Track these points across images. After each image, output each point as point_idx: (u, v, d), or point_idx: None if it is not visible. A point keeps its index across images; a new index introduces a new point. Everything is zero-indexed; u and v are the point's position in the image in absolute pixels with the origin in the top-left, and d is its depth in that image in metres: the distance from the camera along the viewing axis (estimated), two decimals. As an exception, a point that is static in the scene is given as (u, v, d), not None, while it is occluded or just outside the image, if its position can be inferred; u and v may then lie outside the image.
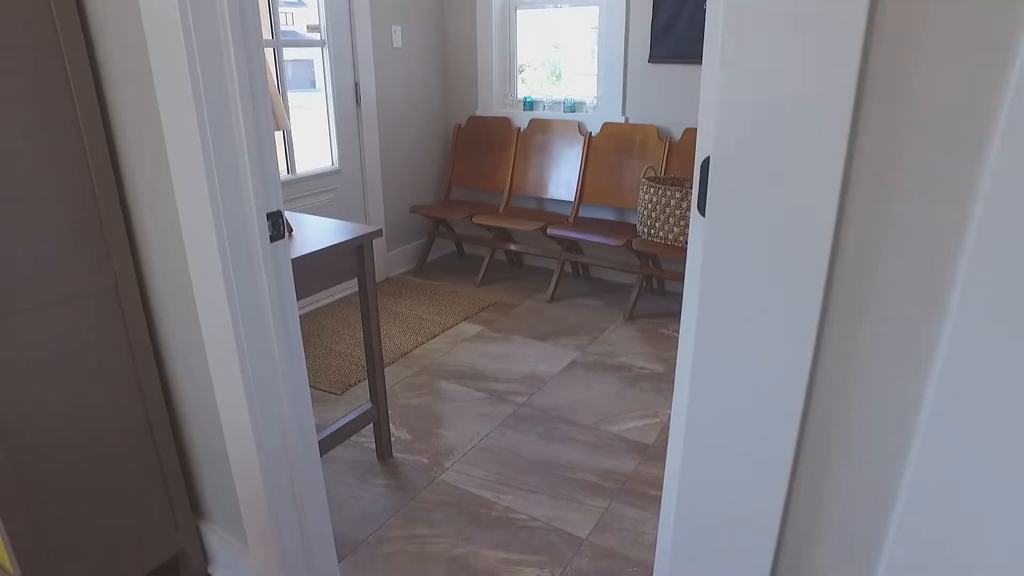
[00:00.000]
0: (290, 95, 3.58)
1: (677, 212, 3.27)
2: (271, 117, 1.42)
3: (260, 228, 1.35)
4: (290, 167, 3.61)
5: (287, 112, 3.53)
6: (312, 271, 1.90)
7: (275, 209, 1.37)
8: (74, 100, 1.37)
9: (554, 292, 3.83)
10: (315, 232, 2.04)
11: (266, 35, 3.42)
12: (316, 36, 3.67)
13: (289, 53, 3.57)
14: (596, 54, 4.00)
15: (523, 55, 4.28)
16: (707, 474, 0.98)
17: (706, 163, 0.85)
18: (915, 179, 0.69)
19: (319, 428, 2.50)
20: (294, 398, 1.58)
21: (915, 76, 0.67)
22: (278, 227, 1.38)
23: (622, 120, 3.86)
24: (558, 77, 4.26)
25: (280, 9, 3.46)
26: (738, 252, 0.78)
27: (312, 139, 3.83)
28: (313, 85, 4.02)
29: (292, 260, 1.81)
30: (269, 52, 3.43)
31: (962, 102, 0.65)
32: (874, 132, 0.69)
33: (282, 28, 3.48)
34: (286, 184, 3.49)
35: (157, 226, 1.46)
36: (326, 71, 3.67)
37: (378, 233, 2.03)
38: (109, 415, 1.57)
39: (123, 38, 1.34)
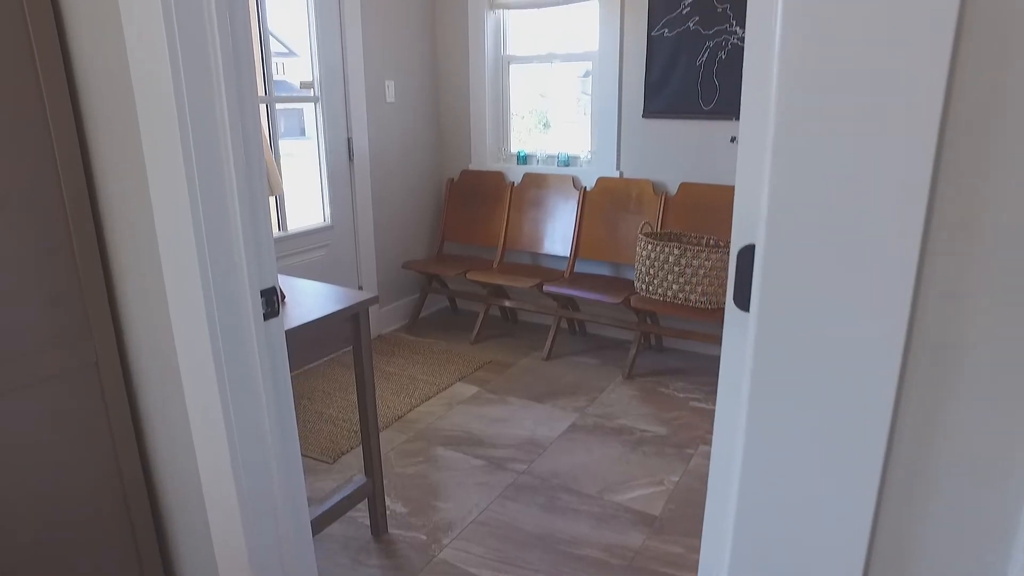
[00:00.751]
0: (280, 143, 3.53)
1: (676, 269, 3.22)
2: (266, 185, 1.35)
3: (253, 306, 1.26)
4: (281, 224, 3.54)
5: (278, 164, 3.49)
6: (306, 342, 1.82)
7: (270, 285, 1.29)
8: (57, 165, 1.30)
9: (550, 350, 3.74)
10: (308, 299, 1.96)
11: (258, 91, 3.38)
12: (309, 92, 3.64)
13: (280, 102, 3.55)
14: (590, 109, 4.01)
15: (511, 105, 4.28)
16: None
17: (746, 252, 0.78)
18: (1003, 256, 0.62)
19: (310, 501, 2.37)
20: (286, 480, 1.48)
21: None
22: (272, 304, 1.30)
23: (617, 175, 3.84)
24: (546, 125, 4.26)
25: (272, 59, 3.43)
26: (795, 354, 0.71)
27: (302, 190, 3.77)
28: (303, 133, 3.98)
29: (285, 332, 1.72)
30: (261, 108, 3.40)
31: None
32: (947, 252, 0.63)
33: (274, 79, 3.44)
34: (277, 242, 3.42)
35: (142, 302, 1.38)
36: (319, 127, 3.64)
37: (374, 300, 1.95)
38: (83, 497, 1.46)
39: (111, 99, 1.27)
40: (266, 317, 1.29)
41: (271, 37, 3.42)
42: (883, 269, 0.65)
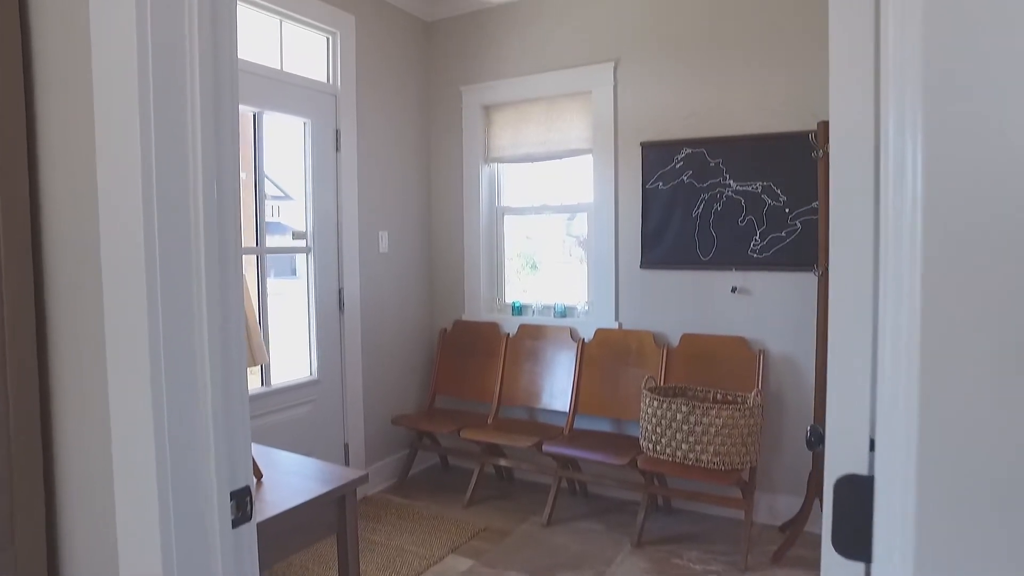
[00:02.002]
0: (270, 283, 3.40)
1: (684, 427, 3.02)
2: (245, 364, 1.19)
3: (220, 512, 1.06)
4: (264, 379, 3.34)
5: (265, 306, 3.34)
6: (283, 531, 1.58)
7: (242, 485, 1.09)
8: (3, 322, 1.14)
9: (551, 515, 3.45)
10: (288, 477, 1.74)
11: (250, 242, 3.31)
12: (302, 243, 3.58)
13: (271, 240, 3.47)
14: (576, 250, 3.99)
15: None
16: None
17: (850, 485, 0.61)
18: None
19: None
20: None
21: None
22: (244, 506, 1.10)
23: (616, 326, 3.72)
24: (533, 267, 4.20)
25: (266, 202, 3.37)
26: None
27: (289, 337, 3.60)
28: (294, 273, 3.89)
29: (261, 522, 1.50)
30: (252, 258, 3.31)
31: None
32: None
33: (266, 220, 3.37)
34: (260, 398, 3.20)
35: (86, 504, 1.16)
36: (310, 279, 3.54)
37: (363, 480, 1.74)
38: None
39: (73, 257, 1.13)
40: (235, 524, 1.08)
41: (266, 180, 3.40)
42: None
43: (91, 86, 1.07)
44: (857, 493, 0.60)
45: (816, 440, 1.44)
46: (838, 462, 0.63)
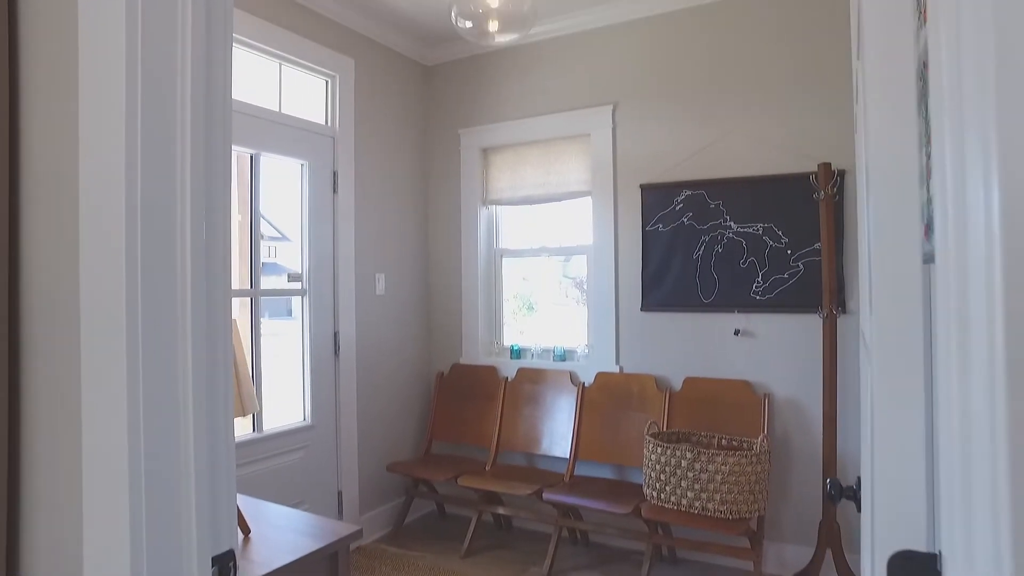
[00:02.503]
0: (264, 322, 3.33)
1: (690, 474, 2.93)
2: (232, 414, 1.12)
3: (201, 579, 0.98)
4: (256, 425, 3.25)
5: (259, 347, 3.26)
6: (270, 593, 1.48)
7: (226, 549, 1.01)
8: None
9: (551, 566, 3.32)
10: (278, 532, 1.65)
11: (245, 283, 3.25)
12: (297, 285, 3.52)
13: (267, 281, 3.40)
14: (572, 291, 3.93)
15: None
16: None
17: (907, 562, 0.54)
18: None
19: None
20: None
21: None
22: (227, 572, 1.02)
23: (616, 369, 3.65)
24: (530, 308, 4.14)
25: (262, 242, 3.32)
26: None
27: (283, 379, 3.51)
28: (290, 314, 3.83)
29: (245, 584, 1.41)
30: (245, 301, 3.24)
31: None
32: None
33: (263, 261, 3.31)
34: (250, 444, 3.11)
35: (51, 568, 1.08)
36: (304, 323, 3.47)
37: (357, 535, 1.65)
38: None
39: (53, 292, 1.07)
40: (217, 591, 1.00)
41: (263, 221, 3.36)
42: None
43: (77, 122, 1.03)
44: (918, 573, 0.53)
45: (837, 494, 1.36)
46: (889, 535, 0.56)
